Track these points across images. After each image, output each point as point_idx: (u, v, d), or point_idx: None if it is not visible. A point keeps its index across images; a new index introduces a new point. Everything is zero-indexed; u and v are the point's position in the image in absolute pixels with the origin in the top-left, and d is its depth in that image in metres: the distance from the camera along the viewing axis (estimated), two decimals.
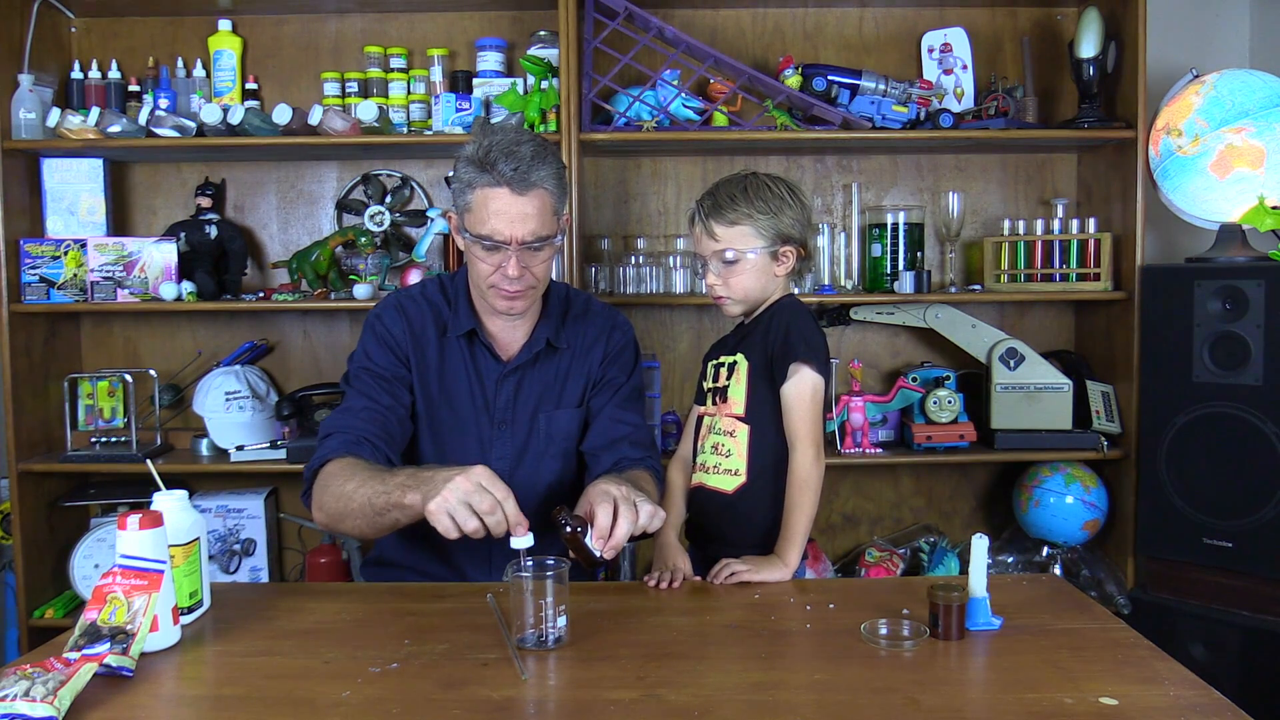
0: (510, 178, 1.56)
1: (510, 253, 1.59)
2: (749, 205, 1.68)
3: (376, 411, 1.66)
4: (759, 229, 1.68)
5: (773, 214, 1.68)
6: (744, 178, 1.72)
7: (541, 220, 1.60)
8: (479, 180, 1.59)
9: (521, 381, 1.75)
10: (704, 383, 1.82)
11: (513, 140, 1.59)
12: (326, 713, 1.13)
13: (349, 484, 1.50)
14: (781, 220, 1.69)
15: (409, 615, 1.42)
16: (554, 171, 1.61)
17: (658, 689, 1.17)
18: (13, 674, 1.12)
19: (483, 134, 1.62)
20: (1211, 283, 2.29)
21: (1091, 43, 2.54)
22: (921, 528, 2.91)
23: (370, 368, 1.71)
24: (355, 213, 2.80)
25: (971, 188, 2.86)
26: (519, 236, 1.58)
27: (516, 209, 1.58)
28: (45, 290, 2.60)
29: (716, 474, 1.73)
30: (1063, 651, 1.27)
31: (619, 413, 1.77)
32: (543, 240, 1.61)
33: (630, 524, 1.40)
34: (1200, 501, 2.31)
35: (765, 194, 1.69)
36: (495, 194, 1.58)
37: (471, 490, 1.34)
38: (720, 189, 1.72)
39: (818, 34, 2.84)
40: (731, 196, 1.69)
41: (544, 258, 1.65)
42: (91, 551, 2.63)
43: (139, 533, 1.29)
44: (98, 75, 2.73)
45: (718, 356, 1.80)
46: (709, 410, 1.78)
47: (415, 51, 2.80)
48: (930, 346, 2.88)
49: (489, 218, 1.58)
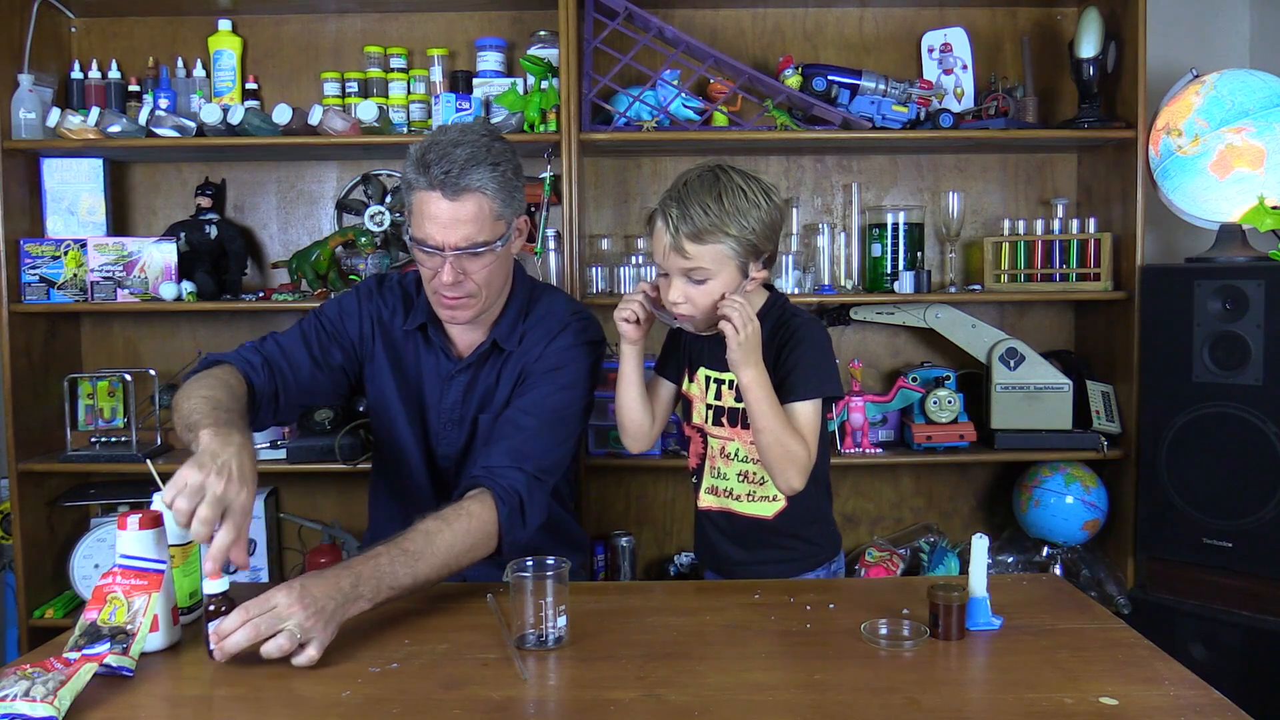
0: (441, 181, 1.51)
1: (444, 258, 1.55)
2: (725, 220, 1.49)
3: (286, 355, 1.68)
4: (735, 248, 1.51)
5: (751, 230, 1.51)
6: (714, 180, 1.52)
7: (477, 226, 1.54)
8: (417, 182, 1.55)
9: (471, 382, 1.72)
10: (693, 390, 1.68)
11: (452, 140, 1.54)
12: (326, 712, 1.13)
13: (194, 386, 1.51)
14: (759, 236, 1.52)
15: (409, 615, 1.42)
16: (494, 174, 1.54)
17: (658, 689, 1.17)
18: (13, 674, 1.12)
19: (433, 132, 1.60)
20: (1211, 283, 2.29)
21: (1091, 43, 2.54)
22: (921, 528, 2.91)
23: (318, 327, 1.73)
24: (355, 213, 2.80)
25: (971, 188, 2.86)
26: (451, 242, 1.54)
27: (448, 214, 1.53)
28: (45, 290, 2.60)
29: (752, 501, 1.64)
30: (1063, 651, 1.27)
31: (516, 413, 1.63)
32: (479, 246, 1.55)
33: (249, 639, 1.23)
34: (1200, 501, 2.31)
35: (740, 203, 1.50)
36: (428, 198, 1.54)
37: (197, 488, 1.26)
38: (690, 196, 1.51)
39: (818, 34, 2.84)
40: (705, 208, 1.49)
41: (483, 264, 1.58)
42: (91, 551, 2.63)
43: (139, 533, 1.29)
44: (98, 75, 2.73)
45: (708, 365, 1.65)
46: (719, 434, 1.65)
47: (415, 51, 2.80)
48: (930, 346, 2.88)
49: (424, 222, 1.55)
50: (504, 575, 1.34)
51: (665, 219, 1.52)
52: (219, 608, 1.24)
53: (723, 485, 1.67)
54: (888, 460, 2.65)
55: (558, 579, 1.30)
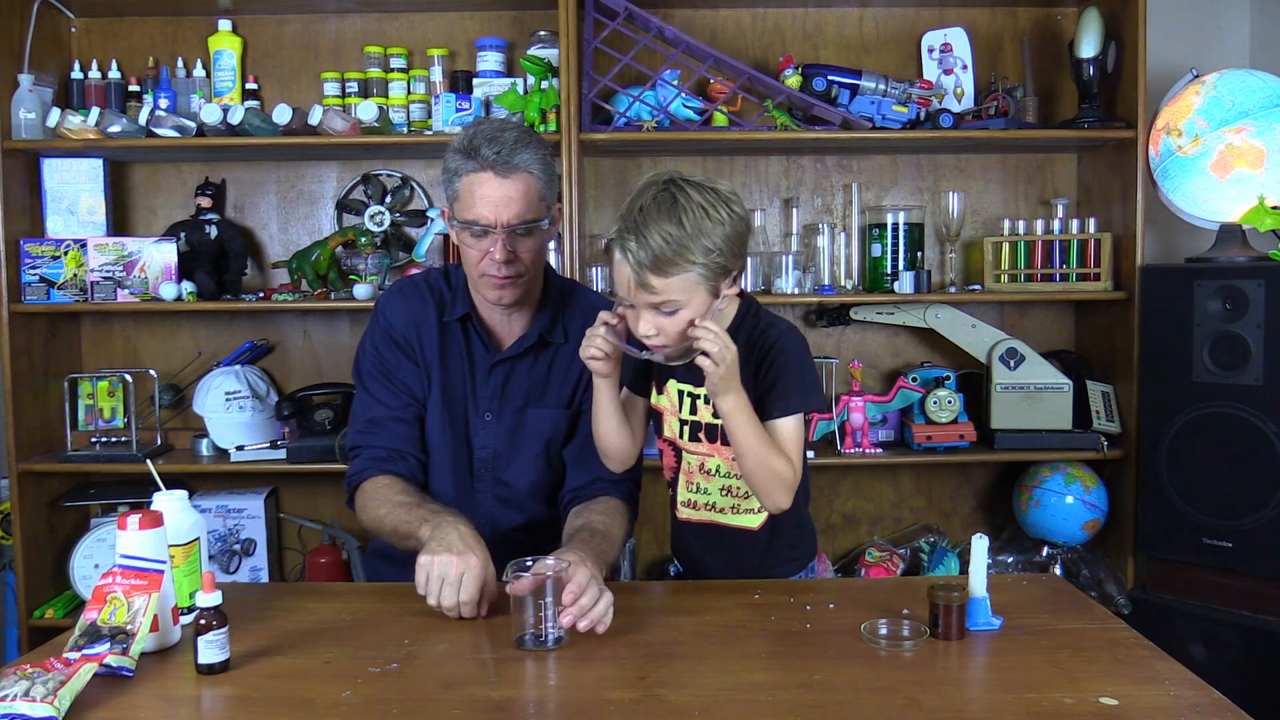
0: (494, 160, 1.57)
1: (497, 236, 1.59)
2: (688, 246, 1.36)
3: (395, 415, 1.72)
4: (703, 273, 1.38)
5: (717, 250, 1.38)
6: (671, 202, 1.38)
7: (527, 204, 1.59)
8: (464, 167, 1.60)
9: (511, 373, 1.73)
10: (663, 402, 1.58)
11: (497, 127, 1.61)
12: (326, 713, 1.13)
13: (381, 508, 1.63)
14: (726, 255, 1.40)
15: (409, 615, 1.42)
16: (538, 156, 1.61)
17: (658, 689, 1.17)
18: (13, 674, 1.12)
19: (472, 124, 1.65)
20: (1211, 283, 2.29)
21: (1091, 43, 2.54)
22: (921, 528, 2.91)
23: (381, 365, 1.73)
24: (355, 213, 2.80)
25: (971, 188, 2.86)
26: (504, 220, 1.58)
27: (501, 192, 1.58)
28: (45, 290, 2.60)
29: (737, 514, 1.58)
30: (1063, 651, 1.27)
31: None
32: (529, 224, 1.60)
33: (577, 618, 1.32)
34: (1200, 501, 2.31)
35: (703, 223, 1.37)
36: (480, 179, 1.58)
37: (442, 577, 1.39)
38: (648, 224, 1.36)
39: (818, 34, 2.84)
40: (666, 237, 1.35)
41: (532, 243, 1.63)
42: (91, 551, 2.63)
43: (139, 533, 1.29)
44: (98, 75, 2.73)
45: (680, 378, 1.54)
46: (696, 450, 1.56)
47: (415, 51, 2.80)
48: (930, 346, 2.88)
49: (475, 203, 1.59)
50: (503, 575, 1.34)
51: (624, 252, 1.38)
52: (210, 621, 1.23)
53: (704, 500, 1.60)
54: (888, 460, 2.65)
55: (558, 580, 1.30)
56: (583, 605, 1.30)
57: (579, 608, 1.30)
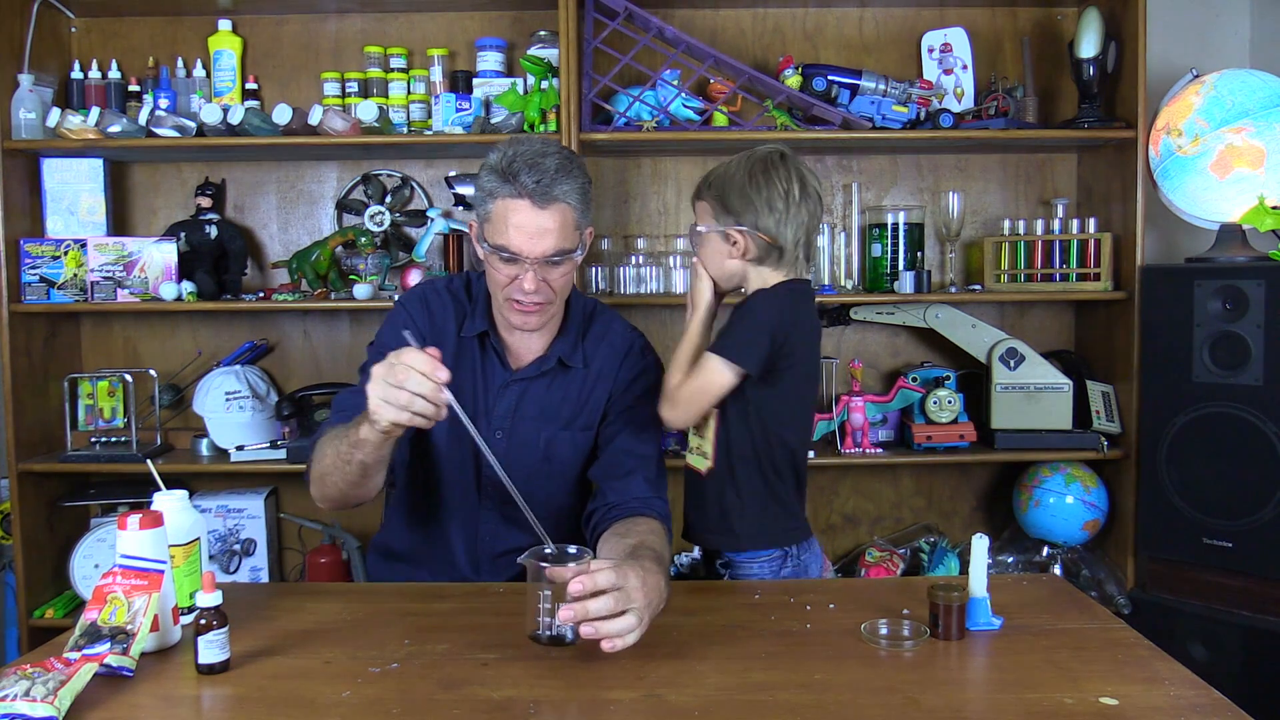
0: (532, 190, 1.52)
1: (528, 267, 1.55)
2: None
3: None
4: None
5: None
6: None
7: (562, 235, 1.55)
8: (500, 190, 1.54)
9: (525, 393, 1.70)
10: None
11: (538, 152, 1.55)
12: (326, 713, 1.13)
13: (325, 448, 1.55)
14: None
15: (409, 615, 1.42)
16: (578, 186, 1.56)
17: (658, 689, 1.17)
18: (13, 674, 1.12)
19: (509, 143, 1.58)
20: (1211, 283, 2.29)
21: (1091, 43, 2.54)
22: (921, 528, 2.91)
23: (385, 353, 1.71)
24: (355, 213, 2.80)
25: (971, 188, 2.86)
26: (538, 252, 1.54)
27: (536, 223, 1.53)
28: (45, 290, 2.60)
29: (695, 455, 1.71)
30: (1063, 651, 1.28)
31: (633, 442, 1.70)
32: (562, 255, 1.56)
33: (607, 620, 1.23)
34: (1200, 501, 2.31)
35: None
36: (516, 206, 1.53)
37: (410, 365, 1.31)
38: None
39: (818, 34, 2.84)
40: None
41: (563, 272, 1.60)
42: (91, 551, 2.63)
43: (139, 533, 1.29)
44: (98, 75, 2.73)
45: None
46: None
47: (415, 51, 2.80)
48: (930, 346, 2.88)
49: (508, 230, 1.54)
50: (519, 559, 1.29)
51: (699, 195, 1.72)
52: (210, 621, 1.23)
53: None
54: (888, 460, 2.65)
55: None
56: (589, 608, 1.20)
57: (582, 608, 1.20)
